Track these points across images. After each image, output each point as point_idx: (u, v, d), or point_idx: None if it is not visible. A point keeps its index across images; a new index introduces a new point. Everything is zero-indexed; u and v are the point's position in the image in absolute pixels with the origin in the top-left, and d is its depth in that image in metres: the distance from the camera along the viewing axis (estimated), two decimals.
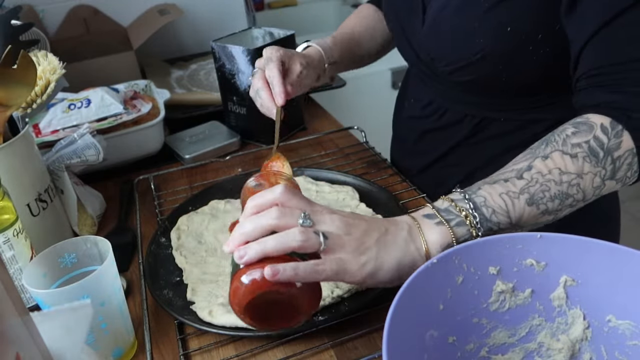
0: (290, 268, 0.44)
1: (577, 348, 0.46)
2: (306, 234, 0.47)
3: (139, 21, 1.31)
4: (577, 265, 0.45)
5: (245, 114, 0.96)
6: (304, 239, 0.46)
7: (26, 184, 0.65)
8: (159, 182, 0.88)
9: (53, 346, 0.32)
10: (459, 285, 0.45)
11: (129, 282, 0.66)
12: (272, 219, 0.47)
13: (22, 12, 1.06)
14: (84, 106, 0.87)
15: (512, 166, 0.54)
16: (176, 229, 0.72)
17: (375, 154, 0.90)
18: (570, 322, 0.46)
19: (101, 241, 0.54)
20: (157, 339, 0.57)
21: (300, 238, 0.46)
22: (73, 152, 0.72)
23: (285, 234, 0.46)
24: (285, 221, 0.47)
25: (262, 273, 0.44)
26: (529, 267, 0.46)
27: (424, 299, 0.44)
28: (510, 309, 0.47)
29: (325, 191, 0.78)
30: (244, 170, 0.90)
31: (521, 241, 0.45)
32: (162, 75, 1.27)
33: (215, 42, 0.94)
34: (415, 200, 0.76)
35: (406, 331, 0.41)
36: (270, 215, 0.48)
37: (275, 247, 0.46)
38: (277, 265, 0.44)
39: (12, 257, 0.56)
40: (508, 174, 0.53)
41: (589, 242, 0.44)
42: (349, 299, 0.58)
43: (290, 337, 0.55)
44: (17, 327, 0.29)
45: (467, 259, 0.45)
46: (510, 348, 0.48)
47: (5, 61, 0.61)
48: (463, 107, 0.76)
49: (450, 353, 0.46)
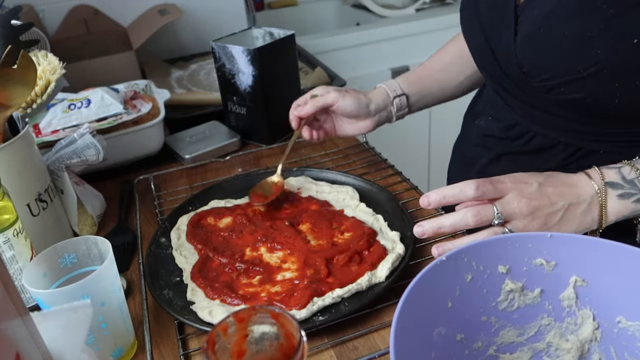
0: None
1: (586, 349, 0.46)
2: (494, 230, 0.54)
3: (139, 21, 1.31)
4: (588, 265, 0.45)
5: (245, 114, 0.96)
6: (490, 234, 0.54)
7: (26, 184, 0.64)
8: (159, 182, 0.88)
9: (53, 346, 0.32)
10: (468, 284, 0.45)
11: (129, 282, 0.66)
12: (471, 216, 0.53)
13: (22, 12, 1.06)
14: (84, 106, 0.87)
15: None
16: (176, 229, 0.72)
17: (376, 154, 0.90)
18: (579, 323, 0.46)
19: (101, 241, 0.54)
20: (157, 339, 0.57)
21: (487, 234, 0.54)
22: (73, 152, 0.72)
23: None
24: (481, 219, 0.54)
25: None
26: (539, 267, 0.46)
27: (433, 296, 0.44)
28: (519, 308, 0.47)
29: (325, 191, 0.78)
30: (244, 170, 0.90)
31: (531, 240, 0.45)
32: (162, 75, 1.27)
33: (215, 42, 0.94)
34: (415, 200, 0.76)
35: (414, 328, 0.41)
36: (468, 215, 0.54)
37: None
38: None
39: (12, 257, 0.56)
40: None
41: (599, 242, 0.44)
42: (349, 299, 0.58)
43: None
44: (17, 327, 0.29)
45: (477, 258, 0.45)
46: (518, 347, 0.48)
47: (5, 61, 0.61)
48: (554, 133, 0.66)
49: (458, 351, 0.46)
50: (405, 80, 0.84)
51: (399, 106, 0.83)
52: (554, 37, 0.57)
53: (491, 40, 0.66)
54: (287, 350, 0.41)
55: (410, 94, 0.84)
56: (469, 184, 0.54)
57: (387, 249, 0.64)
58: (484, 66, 0.73)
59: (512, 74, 0.64)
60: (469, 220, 0.54)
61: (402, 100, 0.83)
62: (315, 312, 0.56)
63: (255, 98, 0.93)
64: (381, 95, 0.82)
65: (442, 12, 1.79)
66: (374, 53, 1.69)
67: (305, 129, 0.81)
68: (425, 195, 0.56)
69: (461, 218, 0.54)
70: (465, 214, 0.54)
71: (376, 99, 0.81)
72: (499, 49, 0.65)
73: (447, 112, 0.90)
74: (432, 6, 1.85)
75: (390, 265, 0.60)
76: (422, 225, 0.56)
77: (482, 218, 0.54)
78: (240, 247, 0.67)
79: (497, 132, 0.74)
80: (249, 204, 0.76)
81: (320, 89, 0.81)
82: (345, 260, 0.62)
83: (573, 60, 0.56)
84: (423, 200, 0.56)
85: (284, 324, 0.40)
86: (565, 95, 0.59)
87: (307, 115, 0.79)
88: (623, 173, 0.55)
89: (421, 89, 0.85)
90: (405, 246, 0.63)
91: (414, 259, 0.64)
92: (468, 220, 0.54)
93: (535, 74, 0.60)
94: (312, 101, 0.79)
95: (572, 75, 0.56)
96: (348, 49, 1.65)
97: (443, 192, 0.55)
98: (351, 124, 0.82)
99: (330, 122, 0.83)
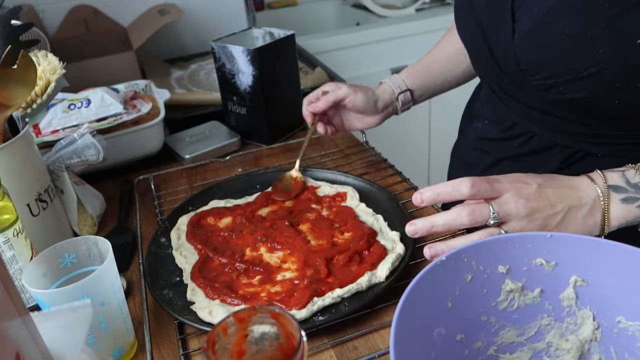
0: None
1: (586, 349, 0.46)
2: (489, 231, 0.53)
3: (139, 21, 1.31)
4: (588, 265, 0.45)
5: (245, 114, 0.96)
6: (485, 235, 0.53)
7: (26, 184, 0.64)
8: (159, 182, 0.88)
9: (53, 346, 0.32)
10: (468, 284, 0.45)
11: (129, 282, 0.66)
12: (465, 215, 0.52)
13: (22, 12, 1.06)
14: (84, 106, 0.87)
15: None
16: (176, 229, 0.72)
17: (375, 154, 0.90)
18: (579, 323, 0.46)
19: (101, 241, 0.54)
20: (157, 339, 0.57)
21: (483, 235, 0.53)
22: (73, 152, 0.72)
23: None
24: (475, 218, 0.52)
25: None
26: (539, 267, 0.46)
27: (433, 296, 0.43)
28: (519, 308, 0.47)
29: (325, 191, 0.78)
30: (244, 170, 0.90)
31: (531, 240, 0.45)
32: (162, 75, 1.27)
33: (215, 42, 0.94)
34: None
35: (414, 328, 0.41)
36: (463, 214, 0.52)
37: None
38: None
39: (12, 257, 0.56)
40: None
41: (599, 242, 0.44)
42: (349, 299, 0.58)
43: None
44: (17, 327, 0.29)
45: (477, 258, 0.45)
46: (518, 347, 0.48)
47: (5, 61, 0.61)
48: (552, 134, 0.65)
49: (458, 351, 0.46)
50: (409, 74, 0.86)
51: (404, 101, 0.85)
52: (554, 34, 0.55)
53: (488, 38, 0.65)
54: (287, 350, 0.41)
55: (414, 88, 0.85)
56: (464, 181, 0.53)
57: (387, 249, 0.64)
58: (480, 65, 0.72)
59: (510, 72, 0.63)
60: (463, 220, 0.52)
61: (406, 95, 0.85)
62: (315, 312, 0.56)
63: (255, 98, 0.93)
64: (387, 92, 0.84)
65: (442, 12, 1.79)
66: (374, 53, 1.69)
67: (319, 124, 0.84)
68: (419, 192, 0.54)
69: (455, 217, 0.53)
70: (460, 212, 0.53)
71: (383, 96, 0.83)
72: (496, 47, 0.64)
73: (447, 112, 0.90)
74: (432, 6, 1.85)
75: (390, 265, 0.60)
76: (414, 224, 0.54)
77: (477, 217, 0.52)
78: (240, 247, 0.67)
79: (495, 134, 0.73)
80: (249, 204, 0.76)
81: (331, 85, 0.83)
82: (345, 260, 0.62)
83: (573, 59, 0.54)
84: (416, 197, 0.54)
85: (284, 324, 0.40)
86: (564, 94, 0.57)
87: (321, 110, 0.81)
88: (627, 176, 0.53)
89: (425, 82, 0.86)
90: (405, 246, 0.63)
91: (414, 259, 0.64)
92: (462, 219, 0.52)
93: (533, 71, 0.59)
94: (325, 97, 0.81)
95: (572, 75, 0.55)
96: (348, 49, 1.65)
97: (437, 190, 0.54)
98: (359, 119, 0.84)
99: (339, 117, 0.86)
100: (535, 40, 0.58)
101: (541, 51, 0.57)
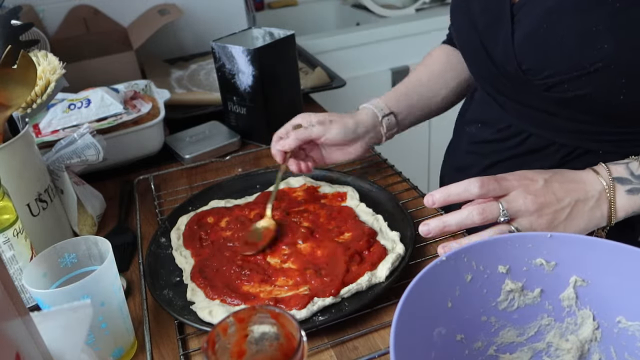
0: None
1: (586, 348, 0.46)
2: (500, 229, 0.54)
3: (139, 21, 1.31)
4: (588, 265, 0.45)
5: (245, 114, 0.96)
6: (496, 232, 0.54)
7: (26, 184, 0.64)
8: (159, 182, 0.88)
9: (53, 346, 0.32)
10: (468, 284, 0.45)
11: (129, 282, 0.66)
12: (477, 214, 0.53)
13: (22, 12, 1.06)
14: (84, 106, 0.87)
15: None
16: (176, 229, 0.72)
17: (375, 154, 0.90)
18: (579, 323, 0.46)
19: (101, 241, 0.54)
20: (157, 339, 0.57)
21: (493, 232, 0.54)
22: (73, 152, 0.72)
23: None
24: (486, 216, 0.54)
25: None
26: (539, 267, 0.46)
27: (433, 296, 0.44)
28: (519, 308, 0.47)
29: (325, 191, 0.78)
30: (244, 170, 0.90)
31: (531, 240, 0.45)
32: (162, 75, 1.27)
33: (215, 42, 0.94)
34: (415, 200, 0.76)
35: (414, 328, 0.41)
36: (474, 212, 0.53)
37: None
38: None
39: (12, 257, 0.56)
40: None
41: (599, 242, 0.44)
42: (349, 299, 0.58)
43: None
44: (17, 327, 0.29)
45: (477, 258, 0.45)
46: (518, 347, 0.48)
47: (5, 61, 0.61)
48: (550, 133, 0.65)
49: (458, 351, 0.46)
50: (390, 98, 0.81)
51: (389, 125, 0.79)
52: (557, 33, 0.55)
53: (486, 40, 0.65)
54: (287, 350, 0.41)
55: (397, 111, 0.80)
56: (473, 182, 0.54)
57: (387, 249, 0.64)
58: (477, 67, 0.71)
59: (510, 74, 0.63)
60: (475, 218, 0.54)
61: (390, 119, 0.79)
62: (315, 312, 0.56)
63: (255, 98, 0.93)
64: (368, 116, 0.77)
65: (442, 12, 1.79)
66: (374, 53, 1.69)
67: (292, 162, 0.76)
68: (430, 194, 0.56)
69: (467, 216, 0.54)
70: (471, 212, 0.54)
71: (363, 121, 0.76)
72: (495, 48, 0.64)
73: (447, 113, 0.90)
74: (432, 6, 1.85)
75: (390, 265, 0.60)
76: (427, 224, 0.56)
77: (488, 216, 0.54)
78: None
79: (489, 135, 0.72)
80: (249, 204, 0.76)
81: (303, 117, 0.76)
82: (346, 260, 0.62)
83: (579, 55, 0.54)
84: (427, 199, 0.56)
85: (284, 324, 0.40)
86: (568, 92, 0.57)
87: (291, 148, 0.73)
88: (631, 168, 0.55)
89: (408, 105, 0.81)
90: (405, 246, 0.63)
91: (414, 259, 0.64)
92: (474, 218, 0.54)
93: (536, 72, 0.59)
94: (295, 133, 0.73)
95: (578, 71, 0.55)
96: (348, 49, 1.64)
97: (447, 191, 0.55)
98: (340, 150, 0.77)
99: (317, 151, 0.78)
100: (538, 41, 0.58)
101: (544, 50, 0.57)
